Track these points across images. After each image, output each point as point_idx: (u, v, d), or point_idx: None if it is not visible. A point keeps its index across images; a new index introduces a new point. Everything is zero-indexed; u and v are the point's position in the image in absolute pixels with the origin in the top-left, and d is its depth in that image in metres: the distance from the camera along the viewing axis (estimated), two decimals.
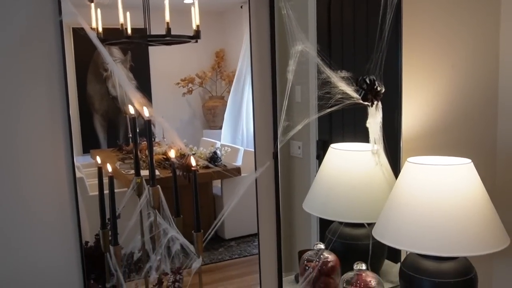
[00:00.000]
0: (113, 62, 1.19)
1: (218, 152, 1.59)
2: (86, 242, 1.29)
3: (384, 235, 1.45)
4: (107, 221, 1.27)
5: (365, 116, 1.57)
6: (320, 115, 1.60)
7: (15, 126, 1.16)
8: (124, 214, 1.30)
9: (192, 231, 1.25)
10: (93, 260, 1.30)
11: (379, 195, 1.58)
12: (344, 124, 1.75)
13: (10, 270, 1.19)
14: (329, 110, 1.49)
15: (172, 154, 1.35)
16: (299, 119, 1.48)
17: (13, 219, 1.18)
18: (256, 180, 1.45)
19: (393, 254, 1.79)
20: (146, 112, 1.21)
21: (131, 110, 1.29)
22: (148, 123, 1.21)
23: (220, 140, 1.63)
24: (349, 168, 1.61)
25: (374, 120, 1.57)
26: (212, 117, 1.68)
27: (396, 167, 1.69)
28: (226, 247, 1.60)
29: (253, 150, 1.45)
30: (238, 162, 1.63)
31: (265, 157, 1.45)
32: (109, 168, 1.20)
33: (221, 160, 1.59)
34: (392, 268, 1.79)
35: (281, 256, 1.52)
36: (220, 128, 1.65)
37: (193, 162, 1.24)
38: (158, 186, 1.23)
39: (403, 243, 1.40)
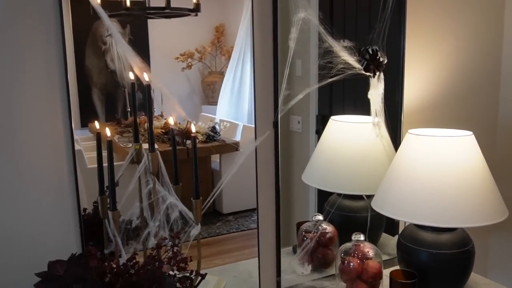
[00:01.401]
0: (111, 25, 1.16)
1: (217, 127, 1.57)
2: (84, 209, 1.29)
3: (383, 206, 1.45)
4: (105, 188, 1.26)
5: (366, 88, 1.56)
6: (321, 88, 1.58)
7: (13, 98, 1.14)
8: (122, 183, 1.29)
9: (191, 198, 1.24)
10: (91, 227, 1.30)
11: (379, 167, 1.58)
12: (344, 98, 1.73)
13: (9, 236, 1.19)
14: (330, 80, 1.47)
15: (171, 120, 1.33)
16: (300, 89, 1.47)
17: (12, 189, 1.17)
18: (256, 149, 1.44)
19: (391, 227, 1.80)
20: (146, 77, 1.19)
21: (131, 76, 1.27)
22: (147, 88, 1.20)
23: (218, 116, 1.61)
24: (349, 140, 1.60)
25: (376, 91, 1.55)
26: (211, 93, 1.66)
27: (396, 139, 1.69)
28: (224, 221, 1.60)
29: (252, 125, 1.44)
30: (237, 137, 1.62)
31: (265, 126, 1.44)
32: (108, 132, 1.19)
33: (220, 135, 1.58)
34: (389, 241, 1.79)
35: (280, 226, 1.52)
36: (218, 103, 1.63)
37: (193, 128, 1.22)
38: (157, 152, 1.22)
39: (402, 214, 1.40)
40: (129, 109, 1.44)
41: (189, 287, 1.09)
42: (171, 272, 1.14)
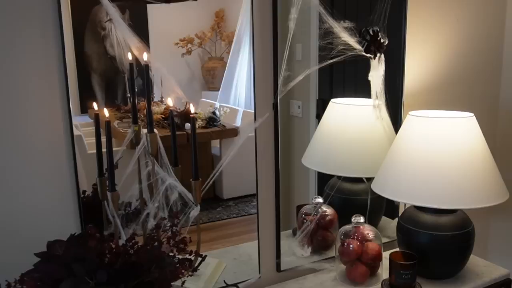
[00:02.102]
0: (110, 5, 1.15)
1: (217, 112, 1.56)
2: (84, 191, 1.29)
3: (383, 188, 1.45)
4: (104, 171, 1.26)
5: (366, 71, 1.54)
6: (321, 72, 1.57)
7: (10, 84, 1.13)
8: (121, 166, 1.29)
9: (190, 179, 1.24)
10: (91, 209, 1.29)
11: (379, 149, 1.57)
12: (345, 81, 1.72)
13: (9, 218, 1.19)
14: (330, 61, 1.46)
15: (170, 102, 1.32)
16: (300, 71, 1.45)
17: (11, 171, 1.17)
18: (255, 131, 1.43)
19: (391, 210, 1.80)
20: (145, 57, 1.18)
21: (129, 57, 1.26)
22: (146, 68, 1.19)
23: (219, 102, 1.60)
24: (350, 122, 1.59)
25: (377, 73, 1.54)
26: (211, 79, 1.65)
27: (397, 122, 1.68)
28: (224, 206, 1.59)
29: (252, 111, 1.44)
30: (237, 123, 1.61)
31: (265, 107, 1.43)
32: (106, 113, 1.18)
33: (220, 121, 1.57)
34: (389, 224, 1.79)
35: (279, 208, 1.52)
36: (219, 90, 1.62)
37: (192, 109, 1.21)
38: (156, 132, 1.21)
39: (402, 196, 1.40)
40: (128, 95, 1.43)
41: (188, 268, 1.09)
42: (170, 254, 1.14)
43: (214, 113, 1.55)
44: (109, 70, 1.37)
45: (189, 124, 1.38)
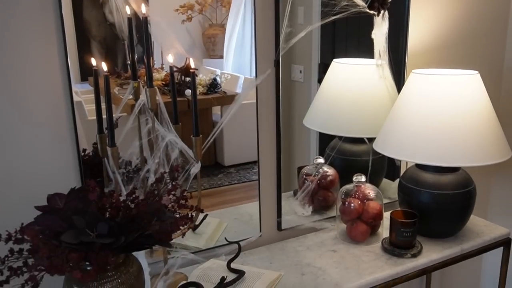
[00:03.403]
0: None
1: (218, 79, 1.54)
2: (84, 150, 1.28)
3: (385, 147, 1.44)
4: (104, 129, 1.25)
5: (369, 31, 1.51)
6: (323, 35, 1.54)
7: (10, 50, 1.12)
8: (122, 125, 1.28)
9: (191, 136, 1.22)
10: (91, 168, 1.29)
11: (382, 109, 1.55)
12: (347, 43, 1.69)
13: (10, 175, 1.18)
14: (333, 18, 1.42)
15: (170, 58, 1.30)
16: (302, 28, 1.42)
17: (12, 131, 1.16)
18: (256, 88, 1.41)
19: (392, 172, 1.80)
20: (143, 9, 1.15)
21: (128, 11, 1.23)
22: (144, 21, 1.16)
23: (220, 69, 1.58)
24: (352, 82, 1.57)
25: (380, 31, 1.51)
26: (212, 46, 1.61)
27: (400, 81, 1.65)
28: (225, 173, 1.59)
29: (253, 78, 1.42)
30: (238, 90, 1.59)
31: (266, 64, 1.41)
32: (105, 67, 1.16)
33: (220, 87, 1.55)
34: (390, 185, 1.79)
35: (280, 167, 1.51)
36: (220, 57, 1.59)
37: (192, 64, 1.19)
38: (156, 87, 1.20)
39: (404, 154, 1.39)
40: (128, 62, 1.41)
41: (189, 222, 1.09)
42: (171, 209, 1.13)
43: (215, 79, 1.53)
44: (109, 38, 1.35)
45: (190, 91, 1.37)
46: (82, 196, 1.02)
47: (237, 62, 1.58)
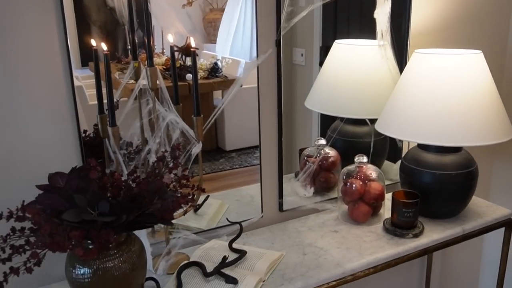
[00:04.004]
0: None
1: (219, 63, 1.53)
2: (85, 131, 1.28)
3: (387, 127, 1.43)
4: (105, 111, 1.24)
5: (372, 11, 1.50)
6: (325, 17, 1.53)
7: (9, 37, 1.11)
8: (122, 106, 1.27)
9: (192, 116, 1.22)
10: (92, 149, 1.29)
11: (384, 90, 1.54)
12: (349, 24, 1.67)
13: (12, 157, 1.18)
14: None
15: (170, 38, 1.29)
16: (304, 6, 1.41)
17: (13, 116, 1.16)
18: (257, 69, 1.40)
19: (393, 154, 1.79)
20: None
21: None
22: (144, 1, 1.15)
23: (219, 54, 1.57)
24: (354, 63, 1.56)
25: (383, 10, 1.49)
26: (212, 30, 1.60)
27: (402, 62, 1.64)
28: (226, 158, 1.58)
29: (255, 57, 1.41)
30: (239, 74, 1.58)
31: (267, 44, 1.40)
32: (104, 47, 1.15)
33: (221, 72, 1.54)
34: (392, 167, 1.79)
35: (282, 149, 1.51)
36: (220, 41, 1.58)
37: (192, 43, 1.18)
38: (156, 67, 1.19)
39: (406, 134, 1.38)
40: (129, 47, 1.40)
41: (191, 202, 1.09)
42: (172, 189, 1.13)
43: (216, 63, 1.52)
44: (109, 23, 1.34)
45: (191, 75, 1.36)
46: (83, 175, 1.02)
47: (237, 46, 1.56)
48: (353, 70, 1.56)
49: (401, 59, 1.64)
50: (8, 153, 1.17)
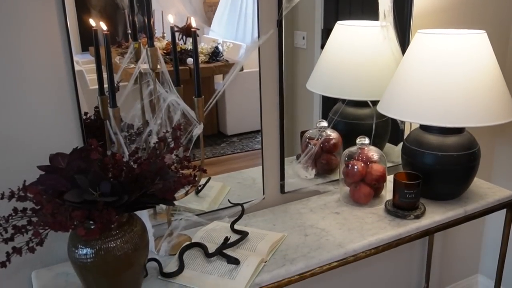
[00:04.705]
0: None
1: (220, 47, 1.52)
2: (86, 113, 1.27)
3: (389, 108, 1.42)
4: (105, 93, 1.23)
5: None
6: None
7: (8, 20, 1.10)
8: (123, 88, 1.27)
9: (193, 97, 1.21)
10: (93, 132, 1.28)
11: (386, 72, 1.53)
12: (351, 3, 1.66)
13: (12, 140, 1.18)
14: None
15: (170, 18, 1.28)
16: None
17: (14, 99, 1.15)
18: (259, 50, 1.39)
19: (395, 137, 1.78)
20: None
21: None
22: None
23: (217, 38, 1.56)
24: (356, 44, 1.55)
25: None
26: (213, 14, 1.58)
27: (404, 43, 1.63)
28: (228, 142, 1.58)
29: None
30: (240, 58, 1.56)
31: (268, 25, 1.38)
32: (104, 26, 1.14)
33: (222, 56, 1.53)
34: (393, 150, 1.79)
35: (284, 131, 1.50)
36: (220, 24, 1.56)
37: (193, 22, 1.17)
38: (157, 47, 1.18)
39: (408, 115, 1.38)
40: (129, 31, 1.39)
41: (193, 182, 1.08)
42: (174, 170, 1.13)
43: (216, 47, 1.51)
44: (109, 7, 1.33)
45: (191, 59, 1.35)
46: (84, 156, 1.02)
47: (238, 30, 1.55)
48: (355, 51, 1.55)
49: (404, 40, 1.63)
50: (8, 134, 1.17)
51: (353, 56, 1.54)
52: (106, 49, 1.08)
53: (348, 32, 1.57)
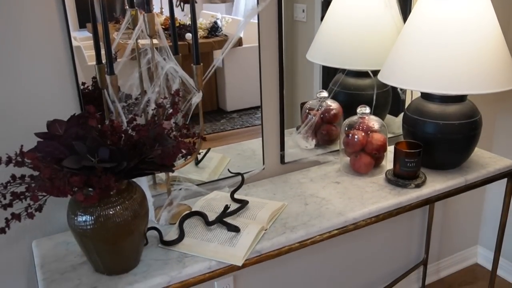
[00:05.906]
0: None
1: (219, 22, 1.49)
2: (83, 83, 1.26)
3: (390, 76, 1.40)
4: (103, 62, 1.22)
5: None
6: None
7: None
8: (120, 62, 1.25)
9: (191, 64, 1.19)
10: (91, 102, 1.27)
11: (387, 40, 1.51)
12: None
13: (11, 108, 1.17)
14: None
15: None
16: None
17: (12, 68, 1.14)
18: (258, 28, 1.37)
19: (396, 108, 1.77)
20: None
21: None
22: None
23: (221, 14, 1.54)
24: (356, 12, 1.52)
25: None
26: None
27: (406, 11, 1.60)
28: (228, 118, 1.56)
29: (255, 21, 1.38)
30: (240, 33, 1.54)
31: None
32: None
33: (221, 31, 1.50)
34: (394, 121, 1.77)
35: (283, 98, 1.49)
36: (222, 1, 1.54)
37: None
38: (154, 13, 1.15)
39: (409, 83, 1.36)
40: (127, 7, 1.37)
41: (192, 148, 1.08)
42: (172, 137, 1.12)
43: (215, 23, 1.49)
44: None
45: (190, 34, 1.32)
46: (82, 123, 1.01)
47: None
48: (355, 20, 1.52)
49: (405, 8, 1.60)
50: (6, 102, 1.16)
51: (354, 24, 1.52)
52: (102, 14, 1.05)
53: (349, 0, 1.54)
